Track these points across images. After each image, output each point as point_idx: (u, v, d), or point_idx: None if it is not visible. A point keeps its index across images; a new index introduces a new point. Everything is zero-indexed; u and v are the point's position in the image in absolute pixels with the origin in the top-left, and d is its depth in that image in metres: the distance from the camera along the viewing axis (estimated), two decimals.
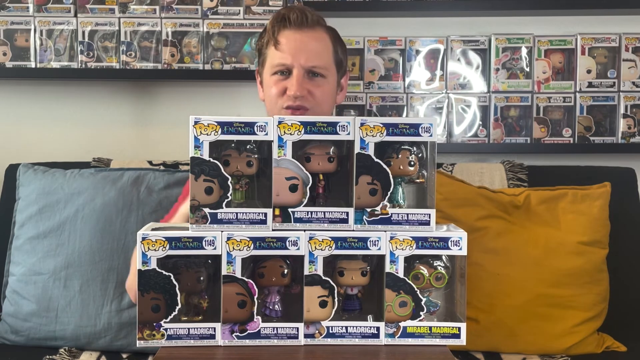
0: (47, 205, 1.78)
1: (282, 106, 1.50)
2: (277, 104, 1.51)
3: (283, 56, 1.50)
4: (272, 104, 1.53)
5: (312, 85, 1.50)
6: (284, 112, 1.50)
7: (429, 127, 1.17)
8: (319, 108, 1.51)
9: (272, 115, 1.50)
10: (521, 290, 1.67)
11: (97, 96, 2.22)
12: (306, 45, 1.50)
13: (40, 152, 2.18)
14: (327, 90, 1.53)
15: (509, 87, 2.14)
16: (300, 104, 1.49)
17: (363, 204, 1.17)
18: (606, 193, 1.75)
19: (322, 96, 1.52)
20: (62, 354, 1.66)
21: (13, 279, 1.77)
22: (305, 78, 1.49)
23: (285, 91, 1.50)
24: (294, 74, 1.49)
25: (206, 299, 1.18)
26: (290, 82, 1.49)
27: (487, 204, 1.74)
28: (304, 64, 1.49)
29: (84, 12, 2.10)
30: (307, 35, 1.51)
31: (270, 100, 1.53)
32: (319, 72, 1.51)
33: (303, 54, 1.49)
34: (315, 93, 1.50)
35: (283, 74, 1.51)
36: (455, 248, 1.18)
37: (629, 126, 2.13)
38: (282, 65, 1.50)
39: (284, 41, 1.50)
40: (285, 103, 1.50)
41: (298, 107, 1.49)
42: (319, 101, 1.51)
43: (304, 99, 1.49)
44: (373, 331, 1.18)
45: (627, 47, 2.12)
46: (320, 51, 1.52)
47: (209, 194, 1.15)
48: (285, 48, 1.49)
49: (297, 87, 1.47)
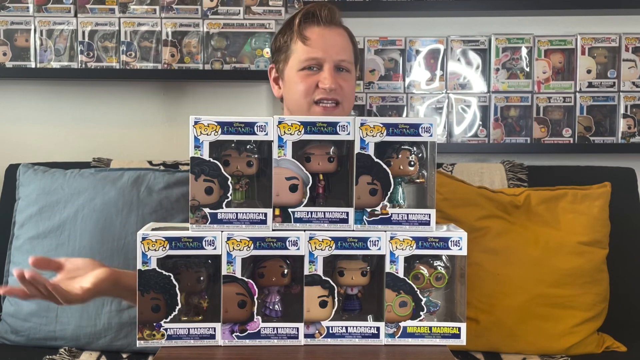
0: (47, 205, 1.78)
1: (313, 100, 1.52)
2: (306, 99, 1.52)
3: (314, 51, 1.52)
4: (299, 100, 1.53)
5: (341, 79, 1.53)
6: (314, 107, 1.52)
7: (429, 127, 1.17)
8: (347, 102, 1.55)
9: (299, 111, 1.53)
10: (521, 290, 1.67)
11: (97, 96, 2.22)
12: (335, 41, 1.54)
13: (40, 152, 2.18)
14: (352, 85, 1.57)
15: (509, 87, 2.14)
16: (334, 96, 1.51)
17: (363, 204, 1.17)
18: (606, 193, 1.75)
19: (350, 90, 1.55)
20: (62, 354, 1.66)
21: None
22: (335, 72, 1.53)
23: (316, 85, 1.51)
24: (326, 68, 1.51)
25: (206, 299, 1.18)
26: (322, 76, 1.51)
27: (487, 204, 1.74)
28: (335, 58, 1.52)
29: (84, 12, 2.10)
30: (334, 32, 1.55)
31: (297, 96, 1.53)
32: (345, 67, 1.54)
33: (334, 49, 1.52)
34: (344, 87, 1.53)
35: (312, 69, 1.52)
36: (455, 248, 1.18)
37: (629, 126, 2.13)
38: (313, 60, 1.52)
39: (313, 37, 1.52)
40: (318, 97, 1.51)
41: (332, 99, 1.51)
42: (347, 95, 1.54)
43: (337, 92, 1.51)
44: (373, 331, 1.18)
45: (627, 47, 2.12)
46: (346, 47, 1.56)
47: (209, 194, 1.16)
48: (315, 43, 1.52)
49: (331, 80, 1.50)
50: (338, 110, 1.52)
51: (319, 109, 1.51)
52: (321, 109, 1.51)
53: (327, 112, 1.51)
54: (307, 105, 1.52)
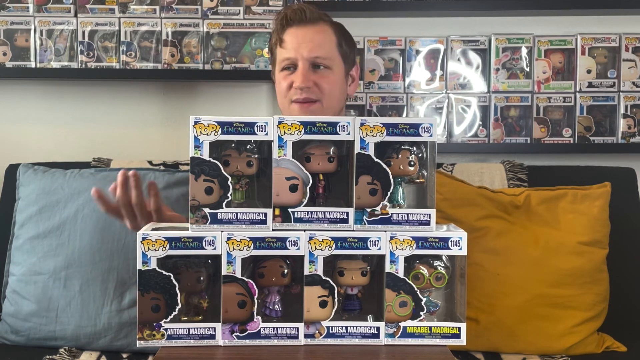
0: (47, 205, 1.78)
1: (291, 99, 1.55)
2: (286, 98, 1.56)
3: (287, 51, 1.55)
4: (282, 99, 1.58)
5: (317, 77, 1.54)
6: (293, 106, 1.55)
7: (429, 127, 1.17)
8: (327, 100, 1.55)
9: (284, 111, 1.57)
10: (521, 290, 1.67)
11: (97, 96, 2.22)
12: (307, 38, 1.55)
13: (40, 152, 2.18)
14: (333, 81, 1.56)
15: (509, 87, 2.14)
16: (307, 96, 1.52)
17: (363, 204, 1.17)
18: (606, 193, 1.75)
19: (330, 87, 1.55)
20: (62, 354, 1.66)
21: (13, 279, 1.77)
22: (310, 70, 1.54)
23: (291, 85, 1.54)
24: (299, 67, 1.53)
25: (206, 299, 1.18)
26: (295, 76, 1.53)
27: (487, 204, 1.74)
28: (307, 56, 1.53)
29: (84, 12, 2.10)
30: (308, 30, 1.56)
31: (280, 95, 1.58)
32: (323, 63, 1.54)
33: (305, 47, 1.53)
34: (321, 84, 1.54)
35: (289, 68, 1.56)
36: (455, 248, 1.18)
37: (629, 126, 2.13)
38: (287, 60, 1.55)
39: (287, 39, 1.56)
40: (293, 96, 1.54)
41: (305, 99, 1.52)
42: (327, 93, 1.54)
43: (310, 91, 1.52)
44: (373, 331, 1.18)
45: (627, 47, 2.12)
46: (322, 42, 1.56)
47: (209, 194, 1.16)
48: (288, 45, 1.55)
49: (301, 79, 1.52)
50: (315, 107, 1.54)
51: (295, 106, 1.54)
52: (297, 107, 1.54)
53: (303, 110, 1.53)
54: (287, 104, 1.56)
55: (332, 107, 1.57)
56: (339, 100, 1.59)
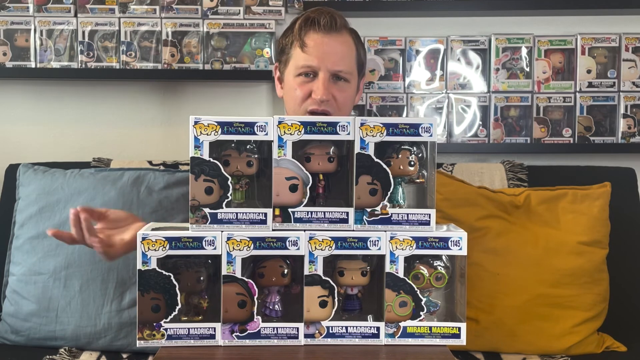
0: (47, 205, 1.78)
1: (307, 109, 1.51)
2: (302, 106, 1.52)
3: (310, 58, 1.50)
4: (295, 106, 1.53)
5: (336, 90, 1.51)
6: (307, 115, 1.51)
7: (429, 127, 1.17)
8: (339, 112, 1.53)
9: (292, 114, 1.53)
10: (521, 290, 1.67)
11: (97, 96, 2.22)
12: (333, 49, 1.51)
13: (40, 152, 2.18)
14: (349, 95, 1.55)
15: (509, 87, 2.14)
16: (325, 108, 1.50)
17: (363, 204, 1.17)
18: (606, 193, 1.75)
19: (344, 101, 1.53)
20: (62, 354, 1.66)
21: (13, 279, 1.77)
22: (330, 82, 1.50)
23: (310, 94, 1.50)
24: (320, 77, 1.50)
25: (206, 299, 1.18)
26: (316, 85, 1.50)
27: (487, 204, 1.74)
28: (331, 68, 1.50)
29: (84, 12, 2.10)
30: (334, 39, 1.51)
31: (294, 101, 1.53)
32: (344, 77, 1.52)
33: (330, 58, 1.50)
34: (338, 98, 1.51)
35: (308, 75, 1.51)
36: (455, 248, 1.18)
37: (629, 126, 2.13)
38: (308, 67, 1.50)
39: (311, 44, 1.50)
40: (310, 107, 1.51)
41: (323, 111, 1.50)
42: (341, 105, 1.52)
43: (329, 104, 1.50)
44: (373, 331, 1.18)
45: (627, 47, 2.12)
46: (346, 55, 1.53)
47: (209, 194, 1.16)
48: (312, 51, 1.50)
49: (323, 91, 1.48)
50: None
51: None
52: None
53: None
54: (303, 112, 1.52)
55: None
56: (348, 111, 1.58)
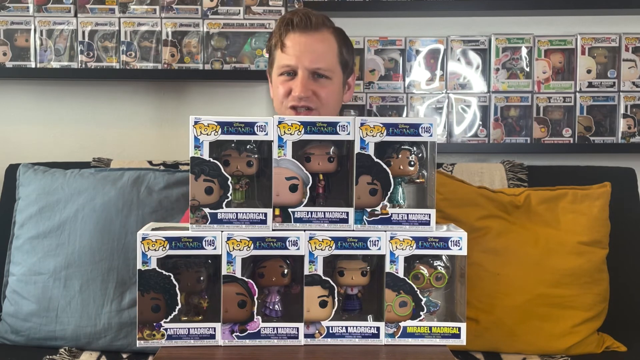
0: (47, 205, 1.78)
1: (287, 106, 1.56)
2: (283, 104, 1.57)
3: (288, 58, 1.55)
4: (279, 103, 1.59)
5: (316, 86, 1.55)
6: (289, 112, 1.56)
7: (429, 127, 1.17)
8: (324, 108, 1.57)
9: (279, 113, 1.58)
10: (521, 290, 1.67)
11: (97, 96, 2.22)
12: (310, 47, 1.55)
13: (40, 152, 2.18)
14: (331, 91, 1.58)
15: (509, 87, 2.14)
16: (305, 104, 1.54)
17: (363, 204, 1.17)
18: (606, 193, 1.75)
19: (327, 97, 1.57)
20: (62, 354, 1.66)
21: (13, 279, 1.77)
22: (310, 79, 1.55)
23: (291, 91, 1.55)
24: (299, 75, 1.54)
25: (206, 299, 1.18)
26: (295, 83, 1.54)
27: (487, 204, 1.74)
28: (308, 66, 1.54)
29: (84, 12, 2.10)
30: (311, 38, 1.56)
31: (278, 99, 1.59)
32: (324, 74, 1.56)
33: (307, 56, 1.54)
34: (320, 94, 1.55)
35: (289, 74, 1.56)
36: (455, 248, 1.18)
37: (629, 126, 2.13)
38: (287, 67, 1.56)
39: (289, 44, 1.55)
40: (290, 103, 1.56)
41: (304, 106, 1.54)
42: (324, 102, 1.56)
43: (309, 100, 1.54)
44: (373, 331, 1.18)
45: (627, 47, 2.12)
46: (324, 53, 1.56)
47: (209, 194, 1.16)
48: (290, 51, 1.55)
49: (301, 89, 1.53)
50: (313, 115, 1.54)
51: (292, 113, 1.55)
52: (294, 114, 1.55)
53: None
54: (284, 109, 1.57)
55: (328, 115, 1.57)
56: (334, 109, 1.61)
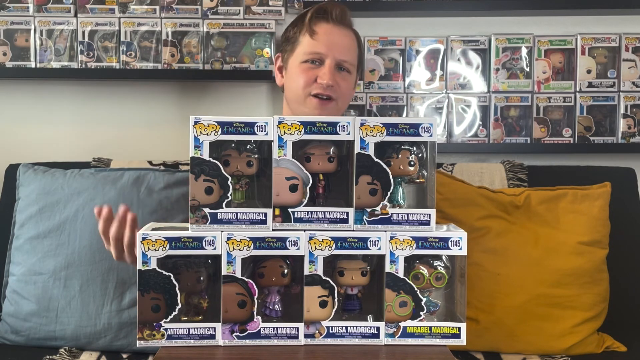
0: (47, 205, 1.78)
1: (310, 93, 1.57)
2: (304, 91, 1.58)
3: (318, 45, 1.57)
4: (297, 90, 1.59)
5: (340, 78, 1.58)
6: (310, 99, 1.58)
7: (429, 127, 1.18)
8: (342, 100, 1.60)
9: (293, 102, 1.60)
10: (521, 290, 1.67)
11: (97, 96, 2.22)
12: (341, 40, 1.60)
13: (40, 152, 2.18)
14: (350, 85, 1.62)
15: (509, 87, 2.14)
16: (330, 93, 1.57)
17: (363, 204, 1.17)
18: (606, 193, 1.75)
19: (346, 90, 1.61)
20: (62, 354, 1.66)
21: (13, 279, 1.77)
22: (335, 70, 1.58)
23: (314, 79, 1.57)
24: (327, 64, 1.57)
25: (206, 299, 1.18)
26: (322, 71, 1.56)
27: (487, 204, 1.74)
28: (337, 57, 1.58)
29: (84, 12, 2.10)
30: (342, 32, 1.61)
31: (296, 87, 1.59)
32: (346, 67, 1.60)
33: (337, 48, 1.58)
34: (341, 86, 1.59)
35: (314, 62, 1.58)
36: (455, 248, 1.18)
37: (629, 126, 2.13)
38: (316, 54, 1.57)
39: (321, 32, 1.58)
40: (315, 91, 1.57)
41: (328, 96, 1.57)
42: (344, 93, 1.60)
43: (333, 89, 1.57)
44: (373, 331, 1.18)
45: (627, 47, 2.12)
46: (350, 48, 1.62)
47: (209, 194, 1.16)
48: (321, 38, 1.58)
49: (329, 77, 1.56)
50: (332, 105, 1.58)
51: (314, 101, 1.57)
52: (317, 102, 1.56)
53: (322, 105, 1.57)
54: (304, 96, 1.58)
55: (343, 108, 1.63)
56: (347, 103, 1.65)
